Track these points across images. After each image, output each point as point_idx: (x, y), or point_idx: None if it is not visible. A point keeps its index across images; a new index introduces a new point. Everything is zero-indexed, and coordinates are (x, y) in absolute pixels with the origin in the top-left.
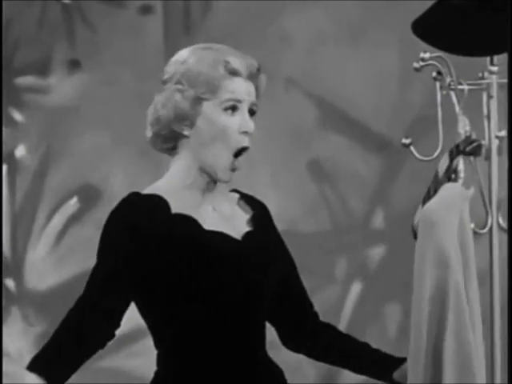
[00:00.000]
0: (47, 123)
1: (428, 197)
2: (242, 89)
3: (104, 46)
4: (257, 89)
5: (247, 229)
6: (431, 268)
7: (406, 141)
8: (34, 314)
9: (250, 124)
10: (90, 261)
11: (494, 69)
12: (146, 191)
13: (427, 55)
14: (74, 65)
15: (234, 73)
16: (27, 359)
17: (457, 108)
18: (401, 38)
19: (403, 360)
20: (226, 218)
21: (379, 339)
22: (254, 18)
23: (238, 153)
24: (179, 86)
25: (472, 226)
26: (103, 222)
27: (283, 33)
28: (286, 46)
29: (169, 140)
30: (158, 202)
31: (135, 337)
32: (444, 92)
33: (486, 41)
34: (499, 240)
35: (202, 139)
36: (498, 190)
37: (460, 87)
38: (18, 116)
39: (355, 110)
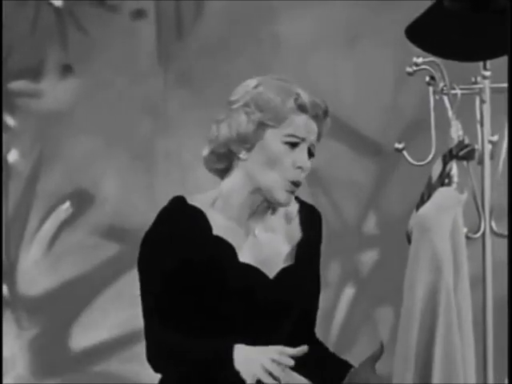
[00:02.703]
0: (40, 128)
1: (422, 202)
2: (305, 127)
3: (96, 50)
4: (320, 131)
5: (285, 263)
6: (424, 273)
7: (399, 145)
8: (27, 318)
9: (306, 162)
10: (83, 265)
11: (487, 73)
12: (194, 202)
13: (420, 60)
14: (67, 69)
15: (302, 109)
16: (20, 363)
17: (450, 113)
18: (394, 43)
19: (348, 366)
20: (266, 246)
21: (371, 342)
22: (246, 22)
23: (292, 184)
24: (247, 109)
25: (465, 230)
26: (95, 226)
27: (275, 37)
28: (278, 51)
29: (223, 160)
30: (200, 220)
31: (128, 342)
32: (437, 97)
33: (480, 46)
34: (492, 244)
35: (258, 164)
36: (490, 194)
37: (453, 92)
38: (10, 121)
39: (348, 115)
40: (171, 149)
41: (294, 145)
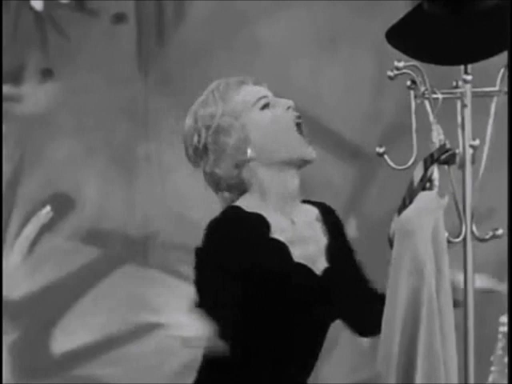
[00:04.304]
0: (20, 132)
1: (403, 206)
2: (257, 89)
3: (77, 54)
4: None
5: (325, 264)
6: (406, 277)
7: (380, 150)
8: (8, 322)
9: (287, 100)
10: (63, 269)
11: (468, 78)
12: (250, 209)
13: (401, 64)
14: (47, 73)
15: (241, 83)
16: (1, 367)
17: (431, 117)
18: (375, 47)
19: None
20: (308, 238)
21: (352, 347)
22: (226, 26)
23: (298, 126)
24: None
25: (446, 234)
26: (76, 230)
27: (256, 42)
28: (259, 55)
29: (241, 181)
30: (258, 225)
31: (109, 345)
32: (418, 101)
33: (461, 50)
34: (473, 249)
35: (266, 143)
36: (472, 198)
37: (434, 96)
38: None
39: (329, 118)
40: (151, 153)
41: (266, 106)
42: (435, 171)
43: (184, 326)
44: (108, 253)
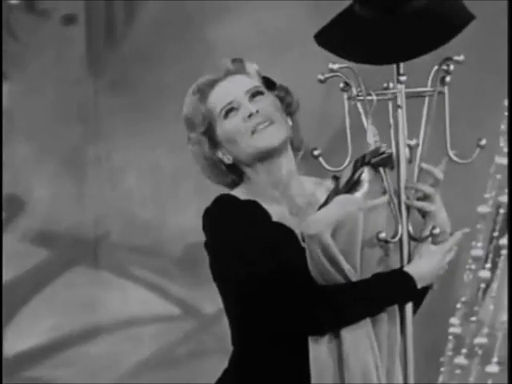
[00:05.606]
0: None
1: (325, 204)
2: (225, 91)
3: (27, 55)
4: (248, 73)
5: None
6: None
7: (316, 152)
8: None
9: (248, 108)
10: (13, 271)
11: (402, 78)
12: (241, 196)
13: (336, 66)
14: None
15: (212, 84)
16: None
17: (365, 118)
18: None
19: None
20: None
21: None
22: (177, 27)
23: (258, 131)
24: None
25: (384, 235)
26: (27, 231)
27: (207, 42)
28: (211, 57)
29: (230, 172)
30: (258, 209)
31: (60, 347)
32: (353, 102)
33: (391, 50)
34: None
35: (230, 149)
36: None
37: (369, 98)
38: None
39: None
40: (102, 154)
41: (231, 110)
42: (366, 173)
43: None
44: (58, 254)
